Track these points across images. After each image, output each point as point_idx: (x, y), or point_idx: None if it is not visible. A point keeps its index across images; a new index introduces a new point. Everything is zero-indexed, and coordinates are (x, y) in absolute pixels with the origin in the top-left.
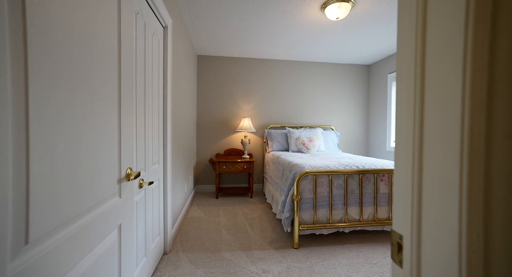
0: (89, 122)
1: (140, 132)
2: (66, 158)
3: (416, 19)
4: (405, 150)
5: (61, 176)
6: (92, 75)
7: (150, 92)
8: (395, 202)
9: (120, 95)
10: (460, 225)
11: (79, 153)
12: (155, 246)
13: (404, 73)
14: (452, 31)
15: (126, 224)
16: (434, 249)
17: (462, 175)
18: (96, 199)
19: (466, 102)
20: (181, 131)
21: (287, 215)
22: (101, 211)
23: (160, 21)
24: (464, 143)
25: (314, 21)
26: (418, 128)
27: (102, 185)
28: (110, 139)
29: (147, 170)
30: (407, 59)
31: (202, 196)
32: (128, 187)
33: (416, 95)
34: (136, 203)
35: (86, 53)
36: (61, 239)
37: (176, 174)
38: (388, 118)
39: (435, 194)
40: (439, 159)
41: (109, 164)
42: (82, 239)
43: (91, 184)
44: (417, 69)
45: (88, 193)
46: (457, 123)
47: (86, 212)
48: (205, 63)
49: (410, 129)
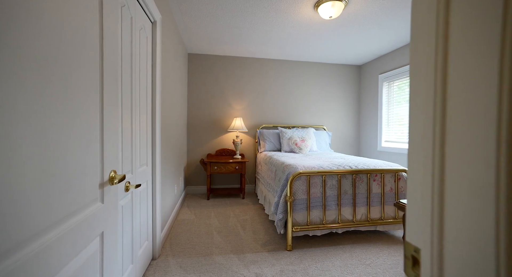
0: (62, 121)
1: (127, 133)
2: (35, 162)
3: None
4: (422, 152)
5: (28, 182)
6: (66, 67)
7: (138, 91)
8: (409, 209)
9: (102, 93)
10: (497, 245)
11: (52, 156)
12: (143, 251)
13: (420, 65)
14: (486, 13)
15: (110, 232)
16: (461, 268)
17: (499, 187)
18: (72, 207)
19: (504, 102)
20: (171, 131)
21: (280, 216)
22: (79, 220)
23: (148, 16)
24: (502, 151)
25: (307, 20)
26: (439, 130)
27: (81, 190)
28: (90, 140)
29: (135, 172)
30: (424, 48)
31: (193, 197)
32: (111, 191)
33: (437, 92)
34: (122, 208)
35: (57, 43)
36: (26, 256)
37: (165, 175)
38: (379, 119)
39: (463, 206)
40: (468, 166)
41: (89, 167)
42: (55, 252)
43: (66, 190)
44: (438, 60)
45: (62, 200)
46: (492, 127)
47: (60, 221)
48: (196, 61)
49: (429, 130)
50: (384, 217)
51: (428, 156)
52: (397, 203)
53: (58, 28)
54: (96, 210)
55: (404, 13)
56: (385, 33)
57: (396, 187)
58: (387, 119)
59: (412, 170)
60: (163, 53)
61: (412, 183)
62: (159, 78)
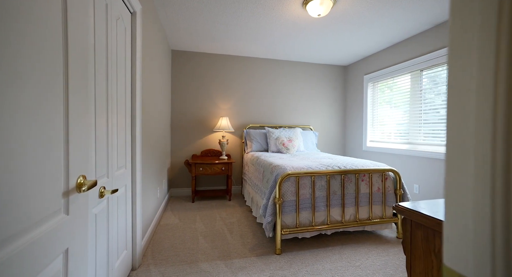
0: (5, 119)
1: (102, 132)
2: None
3: None
4: (473, 155)
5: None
6: (15, 54)
7: (115, 86)
8: (449, 225)
9: (67, 87)
10: None
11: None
12: (121, 262)
13: (468, 41)
14: None
15: (76, 248)
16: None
17: None
18: (25, 222)
19: None
20: (153, 131)
21: (269, 219)
22: (34, 237)
23: (127, 5)
24: None
25: (295, 17)
26: (502, 128)
27: (37, 201)
28: (50, 141)
29: (111, 176)
30: (474, 16)
31: (177, 200)
32: (80, 200)
33: (499, 77)
34: (96, 216)
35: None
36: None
37: (147, 178)
38: (364, 119)
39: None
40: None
41: (49, 173)
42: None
43: (15, 203)
44: (501, 29)
45: (11, 215)
46: None
47: (9, 240)
48: (180, 58)
49: (484, 128)
50: (372, 217)
51: (484, 160)
52: (397, 206)
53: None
54: (59, 223)
55: (392, 13)
56: (372, 33)
57: (383, 187)
58: (371, 120)
59: (452, 174)
60: (144, 47)
61: (456, 190)
62: (139, 74)
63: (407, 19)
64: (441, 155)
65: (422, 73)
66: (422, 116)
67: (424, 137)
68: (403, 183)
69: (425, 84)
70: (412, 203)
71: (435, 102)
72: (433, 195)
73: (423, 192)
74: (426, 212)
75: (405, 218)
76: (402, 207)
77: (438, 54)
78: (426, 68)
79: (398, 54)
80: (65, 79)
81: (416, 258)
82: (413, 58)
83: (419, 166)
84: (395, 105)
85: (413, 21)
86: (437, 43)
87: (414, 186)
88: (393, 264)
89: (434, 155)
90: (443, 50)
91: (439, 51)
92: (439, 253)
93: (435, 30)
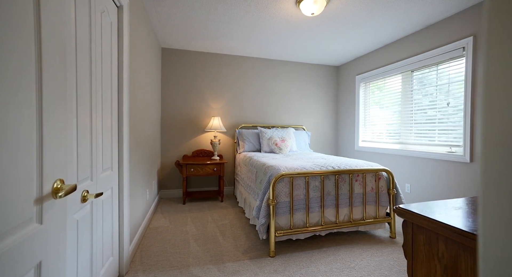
0: None
1: (85, 132)
2: None
3: None
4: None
5: None
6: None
7: (100, 83)
8: (483, 241)
9: (40, 82)
10: None
11: None
12: (107, 270)
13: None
14: None
15: (51, 260)
16: None
17: None
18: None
19: None
20: (142, 131)
21: (262, 221)
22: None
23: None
24: None
25: (288, 16)
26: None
27: (2, 210)
28: (16, 142)
29: (95, 178)
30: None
31: (167, 202)
32: (56, 207)
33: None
34: (78, 222)
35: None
36: None
37: (135, 179)
38: (356, 119)
39: None
40: None
41: (16, 177)
42: None
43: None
44: None
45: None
46: None
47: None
48: (170, 57)
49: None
50: (366, 217)
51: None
52: (398, 209)
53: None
54: (30, 233)
55: (385, 13)
56: (365, 33)
57: (376, 187)
58: (364, 120)
59: (489, 179)
60: (132, 43)
61: (487, 204)
62: (126, 71)
63: (400, 19)
64: (432, 155)
65: (413, 74)
66: (413, 116)
67: (415, 137)
68: (396, 182)
69: (415, 85)
70: (416, 204)
71: (422, 103)
72: (425, 194)
73: (415, 191)
74: (428, 215)
75: (405, 221)
76: (404, 210)
77: (428, 55)
78: (417, 69)
79: (390, 55)
80: (38, 75)
81: (418, 262)
82: (405, 59)
83: (410, 165)
84: (387, 106)
85: (406, 21)
86: (428, 44)
87: (406, 185)
88: (388, 265)
89: (426, 154)
90: (432, 51)
91: (429, 52)
92: (443, 258)
93: (426, 31)
